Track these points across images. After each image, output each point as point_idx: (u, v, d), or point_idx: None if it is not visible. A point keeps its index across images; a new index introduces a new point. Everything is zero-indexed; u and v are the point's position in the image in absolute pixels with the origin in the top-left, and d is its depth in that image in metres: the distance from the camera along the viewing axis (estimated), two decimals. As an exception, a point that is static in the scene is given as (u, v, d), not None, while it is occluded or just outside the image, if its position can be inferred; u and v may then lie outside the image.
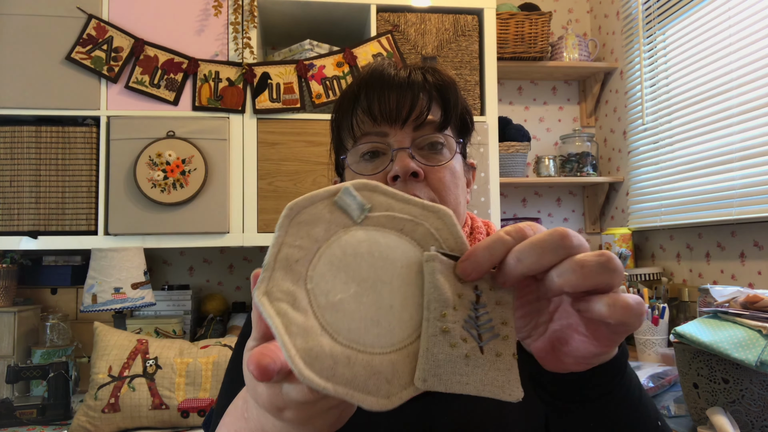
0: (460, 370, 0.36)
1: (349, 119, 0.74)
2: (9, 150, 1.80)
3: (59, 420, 1.64)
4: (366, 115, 0.72)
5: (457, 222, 0.40)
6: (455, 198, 0.73)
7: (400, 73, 0.73)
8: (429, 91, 0.73)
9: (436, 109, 0.73)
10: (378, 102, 0.71)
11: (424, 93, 0.72)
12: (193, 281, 2.34)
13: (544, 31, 2.37)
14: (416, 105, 0.71)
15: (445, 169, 0.72)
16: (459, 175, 0.75)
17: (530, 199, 2.63)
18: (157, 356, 1.60)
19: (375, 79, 0.73)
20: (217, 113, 1.89)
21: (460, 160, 0.76)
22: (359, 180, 0.39)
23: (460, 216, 0.75)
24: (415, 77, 0.73)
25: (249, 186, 1.88)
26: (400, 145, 0.71)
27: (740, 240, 1.84)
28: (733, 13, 1.82)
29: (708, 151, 1.92)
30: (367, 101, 0.72)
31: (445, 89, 0.74)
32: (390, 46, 1.96)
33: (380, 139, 0.72)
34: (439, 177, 0.71)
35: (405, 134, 0.72)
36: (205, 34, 1.89)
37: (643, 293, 1.94)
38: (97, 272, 1.75)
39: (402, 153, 0.70)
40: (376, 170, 0.72)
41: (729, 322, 1.20)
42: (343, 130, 0.76)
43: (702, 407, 1.20)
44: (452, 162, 0.73)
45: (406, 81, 0.72)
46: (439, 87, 0.74)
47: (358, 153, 0.74)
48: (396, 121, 0.71)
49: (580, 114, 2.70)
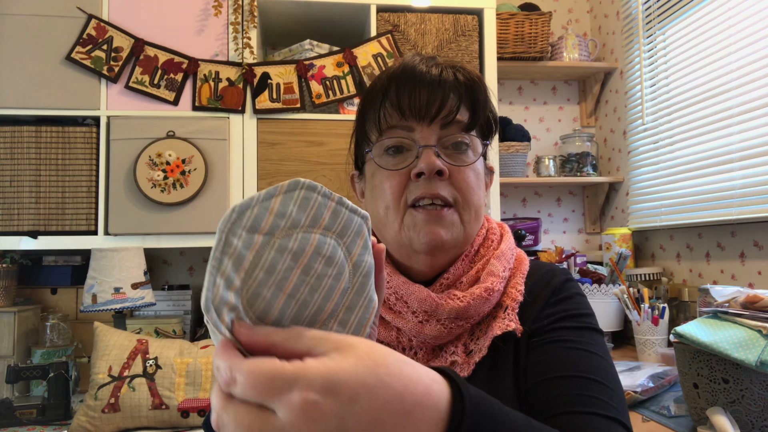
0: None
1: (377, 112, 0.73)
2: (9, 150, 1.80)
3: (59, 420, 1.64)
4: (395, 108, 0.72)
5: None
6: (477, 199, 0.73)
7: (432, 70, 0.72)
8: (459, 90, 0.72)
9: (465, 109, 0.73)
10: (408, 97, 0.71)
11: (455, 92, 0.72)
12: (193, 281, 2.34)
13: (544, 31, 2.37)
14: (446, 103, 0.71)
15: (470, 170, 0.72)
16: (482, 177, 0.75)
17: (530, 199, 2.63)
18: (157, 356, 1.60)
19: (406, 74, 0.72)
20: (217, 113, 1.89)
21: (482, 162, 0.76)
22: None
23: (480, 217, 0.75)
24: (446, 75, 0.72)
25: (249, 186, 1.88)
26: (426, 142, 0.70)
27: (740, 240, 1.84)
28: (733, 13, 1.82)
29: (708, 151, 1.92)
30: (397, 95, 0.71)
31: (475, 89, 0.74)
32: (390, 46, 1.96)
33: (406, 134, 0.72)
34: (464, 177, 0.71)
35: (432, 131, 0.71)
36: (205, 34, 1.89)
37: (643, 293, 1.94)
38: (97, 272, 1.75)
39: (428, 150, 0.70)
40: (399, 165, 0.71)
41: (729, 322, 1.20)
42: (369, 121, 0.75)
43: (702, 407, 1.20)
44: (476, 163, 0.73)
45: (438, 78, 0.71)
46: (469, 87, 0.73)
47: (382, 146, 0.73)
48: (424, 117, 0.71)
49: (580, 114, 2.70)
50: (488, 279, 0.70)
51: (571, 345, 0.67)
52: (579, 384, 0.63)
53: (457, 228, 0.71)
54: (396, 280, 0.72)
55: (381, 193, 0.73)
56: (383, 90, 0.73)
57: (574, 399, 0.60)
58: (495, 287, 0.70)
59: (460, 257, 0.74)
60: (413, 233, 0.70)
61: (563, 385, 0.62)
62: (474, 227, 0.74)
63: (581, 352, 0.66)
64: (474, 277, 0.72)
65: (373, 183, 0.75)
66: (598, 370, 0.65)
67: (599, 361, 0.66)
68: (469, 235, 0.73)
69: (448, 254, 0.73)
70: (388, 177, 0.72)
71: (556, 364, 0.65)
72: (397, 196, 0.71)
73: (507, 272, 0.73)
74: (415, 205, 0.70)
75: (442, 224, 0.70)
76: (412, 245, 0.71)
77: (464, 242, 0.73)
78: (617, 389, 0.65)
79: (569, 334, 0.69)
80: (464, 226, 0.72)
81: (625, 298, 1.95)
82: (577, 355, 0.66)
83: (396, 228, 0.72)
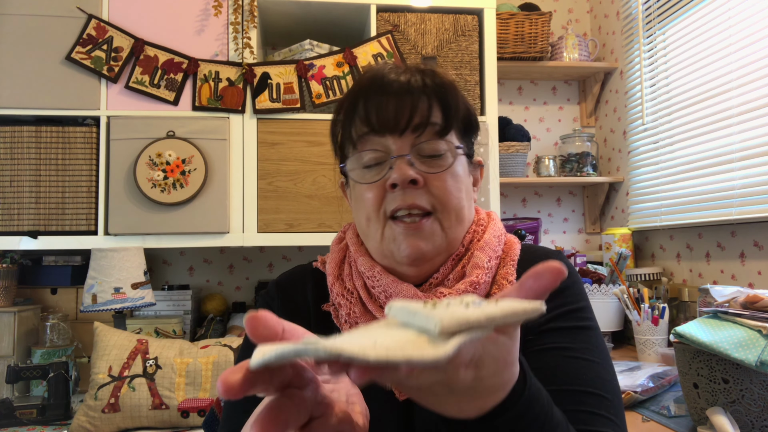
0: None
1: (349, 128, 0.73)
2: (9, 150, 1.80)
3: (59, 420, 1.64)
4: (364, 123, 0.71)
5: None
6: (458, 203, 0.72)
7: (400, 78, 0.71)
8: (429, 95, 0.71)
9: (437, 113, 0.71)
10: (376, 111, 0.70)
11: (424, 98, 0.70)
12: (193, 281, 2.34)
13: (544, 31, 2.37)
14: (416, 111, 0.70)
15: (446, 174, 0.71)
16: (462, 179, 0.73)
17: (530, 199, 2.63)
18: (157, 356, 1.60)
19: (374, 85, 0.71)
20: (217, 113, 1.89)
21: (464, 162, 0.75)
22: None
23: (464, 219, 0.74)
24: (415, 82, 0.71)
25: (249, 186, 1.88)
26: (399, 152, 0.70)
27: (740, 240, 1.84)
28: (733, 14, 1.82)
29: (708, 151, 1.92)
30: (365, 110, 0.71)
31: (445, 93, 0.72)
32: (390, 46, 1.96)
33: (380, 146, 0.71)
34: (441, 183, 0.70)
35: (405, 140, 0.70)
36: (205, 34, 1.89)
37: (643, 293, 1.94)
38: (97, 272, 1.75)
39: (400, 161, 0.69)
40: (375, 177, 0.71)
41: (729, 322, 1.20)
42: (342, 136, 0.75)
43: (702, 407, 1.20)
44: (454, 166, 0.72)
45: (406, 86, 0.70)
46: (438, 91, 0.71)
47: (357, 161, 0.72)
48: (395, 128, 0.70)
49: (580, 114, 2.70)
50: (473, 272, 0.71)
51: (568, 354, 0.67)
52: (578, 399, 0.63)
53: (438, 237, 0.70)
54: (385, 279, 0.72)
55: (362, 204, 0.73)
56: (352, 104, 0.72)
57: (572, 416, 0.60)
58: (480, 280, 0.70)
59: (450, 258, 0.73)
60: (394, 246, 0.70)
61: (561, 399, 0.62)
62: (457, 231, 0.73)
63: (579, 361, 0.67)
64: (460, 272, 0.72)
65: (354, 194, 0.75)
66: (596, 380, 0.65)
67: (597, 369, 0.66)
68: (452, 240, 0.72)
69: (434, 262, 0.72)
70: (366, 189, 0.72)
71: (554, 375, 0.65)
72: (376, 207, 0.71)
73: (493, 262, 0.73)
74: (394, 217, 0.70)
75: (422, 236, 0.69)
76: (394, 257, 0.71)
77: (449, 248, 0.73)
78: (615, 398, 0.65)
79: (566, 339, 0.68)
80: (446, 233, 0.71)
81: (625, 298, 1.95)
82: (575, 366, 0.66)
83: (378, 239, 0.72)
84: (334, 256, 0.80)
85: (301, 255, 2.40)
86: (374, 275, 0.73)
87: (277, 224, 1.89)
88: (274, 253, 2.40)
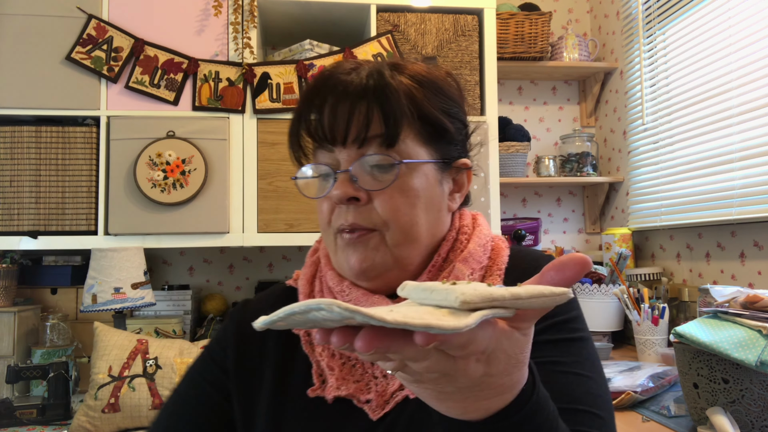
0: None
1: (295, 137, 0.69)
2: (9, 150, 1.80)
3: (59, 420, 1.64)
4: (307, 135, 0.67)
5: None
6: (408, 219, 0.65)
7: (345, 78, 0.64)
8: (369, 100, 0.63)
9: (377, 123, 0.63)
10: (317, 120, 0.65)
11: (363, 104, 0.63)
12: (193, 281, 2.34)
13: (544, 31, 2.37)
14: (352, 122, 0.63)
15: (393, 190, 0.64)
16: (418, 192, 0.65)
17: (530, 199, 2.63)
18: (157, 356, 1.60)
19: (316, 90, 0.66)
20: (217, 113, 1.89)
21: (428, 171, 0.67)
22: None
23: (417, 236, 0.66)
24: (356, 84, 0.64)
25: (249, 186, 1.88)
26: (344, 166, 0.64)
27: (740, 240, 1.84)
28: (733, 14, 1.82)
29: (708, 151, 1.92)
30: (306, 121, 0.67)
31: (385, 97, 0.63)
32: (390, 46, 1.96)
33: (328, 159, 0.66)
34: (387, 198, 0.64)
35: (348, 153, 0.64)
36: (205, 34, 1.89)
37: (643, 293, 1.94)
38: (97, 272, 1.75)
39: (342, 176, 0.64)
40: (321, 192, 0.67)
41: (729, 322, 1.20)
42: (292, 147, 0.71)
43: (702, 407, 1.20)
44: (405, 180, 0.64)
45: (343, 91, 0.63)
46: (380, 95, 0.63)
47: (305, 174, 0.69)
48: (335, 141, 0.64)
49: (580, 114, 2.70)
50: None
51: (559, 368, 0.64)
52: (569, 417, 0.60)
53: (381, 253, 0.65)
54: (355, 293, 0.67)
55: (318, 215, 0.70)
56: (299, 113, 0.68)
57: None
58: None
59: (426, 270, 0.68)
60: (342, 259, 0.67)
61: None
62: (408, 249, 0.66)
63: (569, 376, 0.64)
64: None
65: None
66: (588, 397, 0.63)
67: (588, 385, 0.64)
68: (400, 257, 0.66)
69: (388, 276, 0.66)
70: (319, 202, 0.68)
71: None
72: (327, 221, 0.68)
73: (477, 273, 0.69)
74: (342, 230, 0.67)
75: (366, 248, 0.65)
76: (343, 270, 0.68)
77: (398, 264, 0.66)
78: (607, 414, 0.63)
79: (557, 353, 0.65)
80: (391, 250, 0.65)
81: (625, 298, 1.95)
82: (565, 381, 0.63)
83: (333, 251, 0.69)
84: (306, 272, 0.76)
85: (301, 255, 2.40)
86: (343, 289, 0.68)
87: (277, 224, 1.89)
88: (274, 253, 2.40)
